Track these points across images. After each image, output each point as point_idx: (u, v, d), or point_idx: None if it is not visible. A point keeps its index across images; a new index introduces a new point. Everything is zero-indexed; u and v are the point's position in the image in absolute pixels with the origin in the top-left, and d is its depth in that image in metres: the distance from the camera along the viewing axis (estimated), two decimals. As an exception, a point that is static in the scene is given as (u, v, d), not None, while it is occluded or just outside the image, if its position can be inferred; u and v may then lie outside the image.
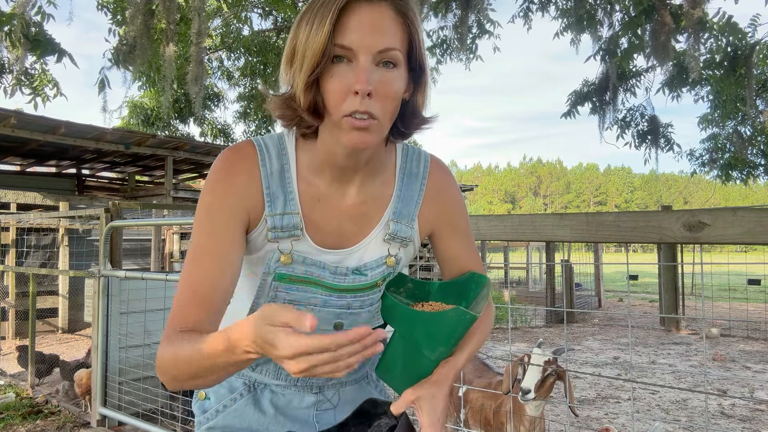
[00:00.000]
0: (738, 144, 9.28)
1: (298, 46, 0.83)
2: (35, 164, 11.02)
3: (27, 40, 5.01)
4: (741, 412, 4.57)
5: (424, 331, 0.90)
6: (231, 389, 1.06)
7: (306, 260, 0.92)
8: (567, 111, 8.45)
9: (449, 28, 8.01)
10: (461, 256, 1.05)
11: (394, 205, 0.97)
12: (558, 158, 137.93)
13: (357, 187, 0.95)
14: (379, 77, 0.80)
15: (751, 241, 1.31)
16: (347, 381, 1.11)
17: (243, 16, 10.24)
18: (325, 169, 0.92)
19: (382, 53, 0.80)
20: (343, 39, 0.79)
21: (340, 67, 0.80)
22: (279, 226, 0.90)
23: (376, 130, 0.82)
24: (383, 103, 0.81)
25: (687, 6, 5.84)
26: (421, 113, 0.92)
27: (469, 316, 0.87)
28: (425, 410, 0.87)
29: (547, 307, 10.13)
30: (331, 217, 0.94)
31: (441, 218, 1.03)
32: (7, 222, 6.62)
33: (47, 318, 7.92)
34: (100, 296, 3.81)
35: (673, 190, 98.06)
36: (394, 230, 0.97)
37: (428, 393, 0.88)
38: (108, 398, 3.78)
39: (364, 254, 0.96)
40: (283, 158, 0.93)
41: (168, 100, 7.27)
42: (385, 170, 0.98)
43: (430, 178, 1.01)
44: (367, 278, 0.96)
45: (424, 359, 0.92)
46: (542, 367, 2.47)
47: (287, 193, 0.91)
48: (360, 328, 0.64)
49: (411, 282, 1.02)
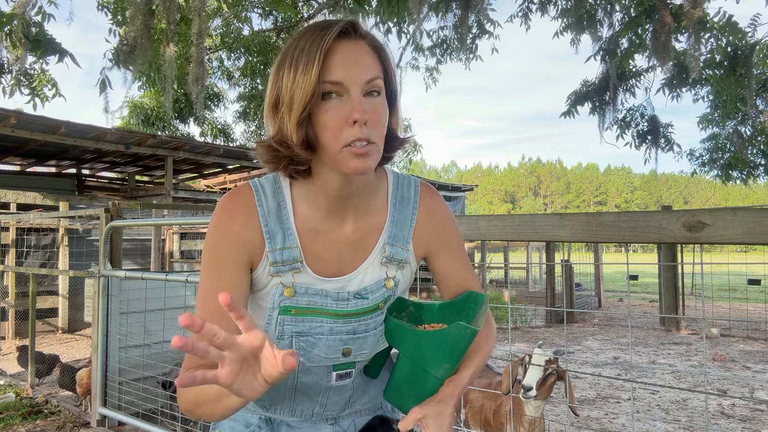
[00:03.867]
0: (738, 144, 9.27)
1: (283, 91, 0.87)
2: (35, 164, 11.02)
3: (27, 40, 5.01)
4: (741, 412, 4.57)
5: (428, 350, 0.94)
6: (247, 424, 1.08)
7: (309, 290, 0.96)
8: (567, 111, 8.44)
9: (449, 28, 8.00)
10: (457, 275, 1.09)
11: (388, 230, 1.01)
12: (558, 158, 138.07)
13: (352, 216, 0.99)
14: (369, 106, 0.86)
15: (751, 241, 1.31)
16: (362, 410, 1.13)
17: (243, 16, 10.23)
18: (320, 202, 0.96)
19: (369, 83, 0.86)
20: (332, 75, 0.84)
21: (331, 103, 0.85)
22: (279, 260, 0.94)
23: (374, 154, 0.87)
24: (377, 129, 0.87)
25: (687, 6, 5.83)
26: (398, 135, 0.98)
27: (469, 330, 0.91)
28: (431, 427, 0.90)
29: (547, 307, 10.13)
30: (330, 246, 0.98)
31: (434, 239, 1.06)
32: (7, 222, 6.62)
33: (47, 318, 7.92)
34: (100, 296, 3.81)
35: (673, 190, 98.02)
36: (390, 253, 1.00)
37: (434, 411, 0.91)
38: (108, 398, 3.78)
39: (363, 279, 1.00)
40: (279, 196, 0.97)
41: (169, 101, 7.26)
42: (378, 197, 1.02)
43: (421, 201, 1.05)
44: (368, 301, 0.99)
45: (430, 378, 0.95)
46: (544, 366, 2.47)
47: (285, 229, 0.96)
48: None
49: (412, 305, 1.05)
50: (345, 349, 0.99)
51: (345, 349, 1.00)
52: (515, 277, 16.43)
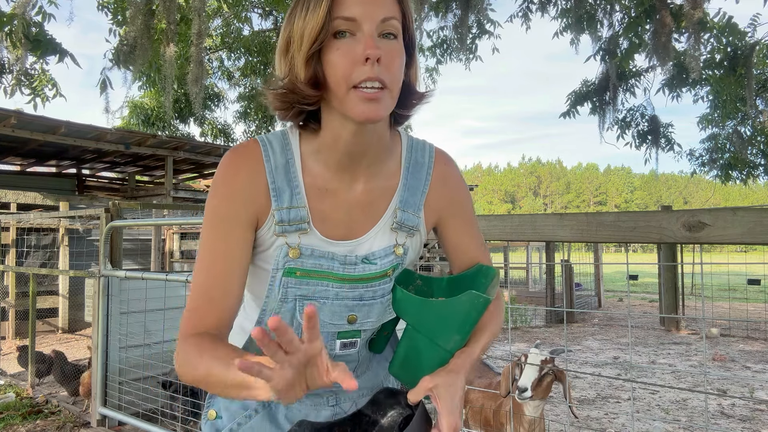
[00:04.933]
0: (738, 144, 9.27)
1: (293, 32, 0.83)
2: (35, 164, 11.02)
3: (27, 40, 5.01)
4: (741, 412, 4.57)
5: (438, 320, 0.89)
6: (245, 406, 1.04)
7: (315, 252, 0.92)
8: (566, 111, 8.45)
9: (449, 28, 8.01)
10: (469, 246, 1.05)
11: (400, 194, 0.97)
12: (558, 158, 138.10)
13: (364, 176, 0.94)
14: (384, 46, 0.81)
15: (751, 241, 1.31)
16: (364, 392, 1.08)
17: (243, 16, 10.24)
18: (331, 158, 0.91)
19: (384, 22, 0.81)
20: (345, 11, 0.80)
21: (344, 41, 0.81)
22: (286, 219, 0.90)
23: (387, 101, 0.82)
24: (390, 71, 0.81)
25: (687, 6, 5.84)
26: (416, 89, 0.92)
27: (482, 299, 0.86)
28: (443, 398, 0.85)
29: (547, 307, 10.13)
30: (339, 207, 0.94)
31: (447, 207, 1.03)
32: (7, 222, 6.61)
33: (47, 318, 7.92)
34: (100, 296, 3.81)
35: (673, 190, 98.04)
36: (401, 219, 0.96)
37: (445, 381, 0.87)
38: (108, 398, 3.79)
39: (372, 244, 0.95)
40: (288, 152, 0.92)
41: (169, 101, 7.27)
42: (391, 159, 0.98)
43: (435, 167, 1.01)
44: (376, 266, 0.95)
45: (438, 351, 0.91)
46: (539, 366, 2.47)
47: (293, 187, 0.91)
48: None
49: (420, 279, 1.01)
50: (350, 316, 0.96)
51: (350, 316, 0.96)
52: (515, 277, 16.43)
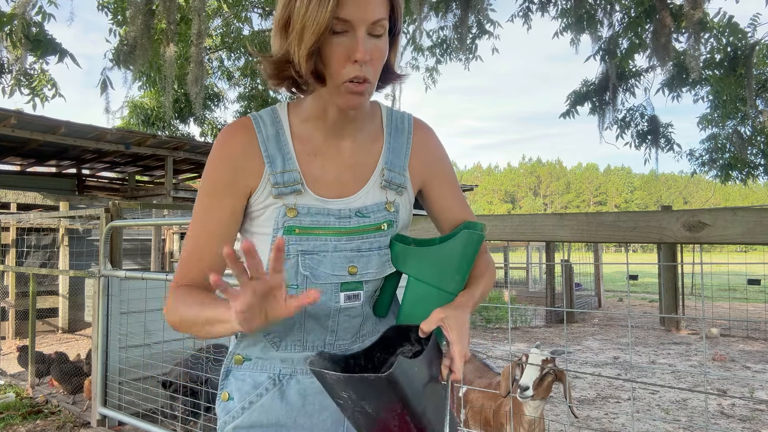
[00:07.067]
0: (738, 144, 9.28)
1: (295, 16, 0.89)
2: (35, 164, 11.02)
3: (27, 40, 5.01)
4: (741, 412, 4.57)
5: (437, 265, 0.97)
6: (255, 385, 1.05)
7: (311, 210, 0.99)
8: (566, 111, 8.45)
9: (449, 28, 8.01)
10: (453, 206, 1.14)
11: (385, 156, 1.06)
12: (558, 158, 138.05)
13: (350, 139, 1.04)
14: (371, 46, 0.90)
15: (751, 241, 1.31)
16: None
17: (243, 16, 10.24)
18: (318, 126, 1.02)
19: (374, 24, 0.89)
20: (343, 13, 0.87)
21: (339, 38, 0.89)
22: (281, 182, 0.99)
23: (369, 92, 0.94)
24: (375, 68, 0.92)
25: (687, 6, 5.84)
26: (393, 70, 1.02)
27: (476, 235, 0.95)
28: (453, 327, 0.91)
29: (547, 307, 10.13)
30: (329, 169, 1.02)
31: (429, 170, 1.11)
32: (7, 222, 6.61)
33: (47, 318, 7.92)
34: (100, 296, 3.81)
35: (673, 190, 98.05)
36: (389, 177, 1.05)
37: (454, 313, 0.93)
38: (108, 398, 3.79)
39: (365, 200, 1.04)
40: (277, 124, 1.02)
41: (169, 101, 7.27)
42: (373, 123, 1.08)
43: (415, 133, 1.11)
44: (369, 219, 1.02)
45: (441, 294, 0.98)
46: (540, 366, 2.47)
47: (284, 153, 1.00)
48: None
49: (413, 242, 1.06)
50: (351, 267, 1.01)
51: (351, 267, 1.01)
52: (515, 277, 16.43)
